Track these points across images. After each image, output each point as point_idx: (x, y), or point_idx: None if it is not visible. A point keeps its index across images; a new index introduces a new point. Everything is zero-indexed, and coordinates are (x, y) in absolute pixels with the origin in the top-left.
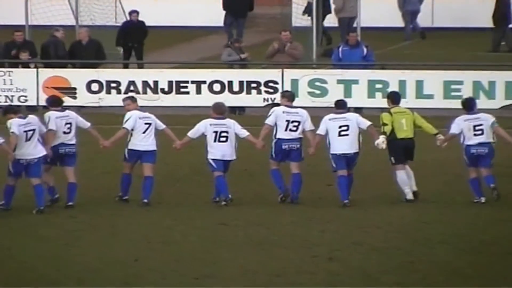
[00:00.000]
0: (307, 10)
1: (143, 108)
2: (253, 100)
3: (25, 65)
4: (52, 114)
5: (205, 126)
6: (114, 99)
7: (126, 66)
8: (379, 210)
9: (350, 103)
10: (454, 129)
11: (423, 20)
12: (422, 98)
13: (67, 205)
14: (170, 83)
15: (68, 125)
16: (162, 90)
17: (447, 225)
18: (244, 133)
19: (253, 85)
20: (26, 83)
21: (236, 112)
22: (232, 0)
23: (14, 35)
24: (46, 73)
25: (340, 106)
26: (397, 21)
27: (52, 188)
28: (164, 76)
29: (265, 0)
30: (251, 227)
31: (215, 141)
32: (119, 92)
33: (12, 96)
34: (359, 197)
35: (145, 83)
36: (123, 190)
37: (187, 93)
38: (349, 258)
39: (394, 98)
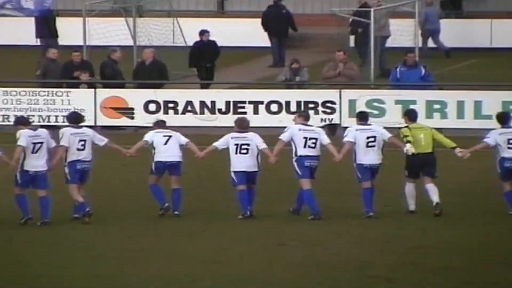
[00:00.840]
0: (353, 31)
1: (200, 129)
2: (310, 120)
3: (84, 86)
4: (66, 130)
5: (228, 140)
6: (172, 120)
7: (204, 87)
8: (437, 230)
9: None
10: (490, 140)
11: (482, 40)
12: (481, 119)
13: (74, 216)
14: (227, 103)
15: (82, 142)
16: (220, 111)
17: (506, 245)
18: (262, 145)
19: (311, 105)
20: (84, 103)
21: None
22: (270, 21)
23: (72, 56)
24: (104, 93)
25: (365, 118)
26: (453, 41)
27: (82, 204)
28: (221, 96)
29: (322, 21)
30: (309, 247)
31: (236, 153)
32: (176, 112)
33: None
34: (416, 217)
35: (203, 103)
36: (160, 200)
37: (245, 113)
38: (406, 279)
39: (411, 115)
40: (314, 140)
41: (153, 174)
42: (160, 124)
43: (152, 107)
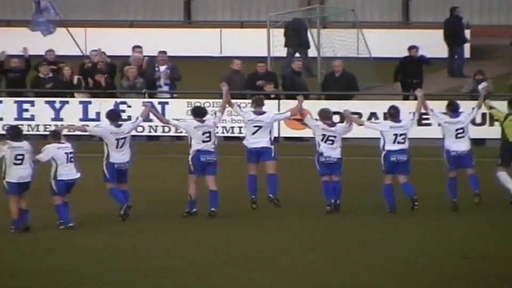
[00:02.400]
0: None
1: None
2: (494, 132)
3: (268, 97)
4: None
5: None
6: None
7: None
8: None
9: None
10: None
11: None
12: None
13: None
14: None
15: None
16: None
17: None
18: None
19: (496, 117)
20: None
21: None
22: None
23: (257, 66)
24: (288, 105)
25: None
26: None
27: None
28: (406, 107)
29: (508, 32)
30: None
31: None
32: None
33: None
34: None
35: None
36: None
37: (429, 124)
38: None
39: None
40: (403, 136)
41: (250, 162)
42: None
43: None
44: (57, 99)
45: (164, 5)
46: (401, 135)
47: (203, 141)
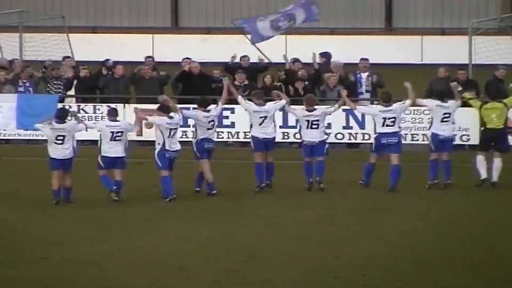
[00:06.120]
0: None
1: None
2: None
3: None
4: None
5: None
6: None
7: None
8: None
9: None
10: None
11: None
12: None
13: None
14: None
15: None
16: None
17: None
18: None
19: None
20: (469, 122)
21: None
22: None
23: (458, 74)
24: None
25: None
26: None
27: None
28: None
29: None
30: None
31: (307, 128)
32: None
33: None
34: None
35: None
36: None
37: None
38: None
39: (490, 94)
40: (392, 119)
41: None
42: None
43: None
44: None
45: (365, 11)
46: (389, 118)
47: (208, 129)
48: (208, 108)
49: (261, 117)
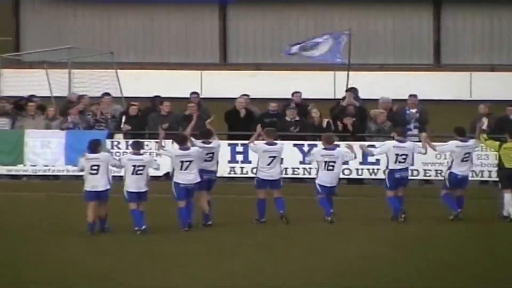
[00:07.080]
0: None
1: None
2: None
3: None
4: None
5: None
6: None
7: None
8: None
9: None
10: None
11: None
12: None
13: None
14: None
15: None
16: None
17: None
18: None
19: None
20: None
21: None
22: None
23: (507, 110)
24: None
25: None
26: None
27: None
28: None
29: None
30: None
31: (325, 169)
32: None
33: None
34: None
35: None
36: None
37: None
38: None
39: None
40: (404, 156)
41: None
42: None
43: None
44: (305, 142)
45: (414, 47)
46: (401, 155)
47: (205, 160)
48: (210, 140)
49: (270, 157)
